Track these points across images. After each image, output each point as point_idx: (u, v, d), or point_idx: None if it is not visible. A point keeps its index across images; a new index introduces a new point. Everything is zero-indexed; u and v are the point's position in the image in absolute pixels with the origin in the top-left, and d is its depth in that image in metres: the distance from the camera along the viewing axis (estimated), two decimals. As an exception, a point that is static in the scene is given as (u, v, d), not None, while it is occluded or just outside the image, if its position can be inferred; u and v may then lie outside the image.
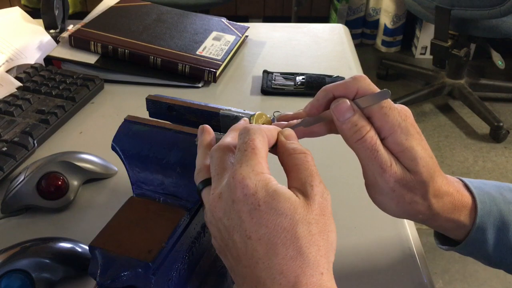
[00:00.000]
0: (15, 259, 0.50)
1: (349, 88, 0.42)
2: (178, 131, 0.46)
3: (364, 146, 0.42)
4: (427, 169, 0.43)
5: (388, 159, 0.42)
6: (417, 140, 0.42)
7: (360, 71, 0.99)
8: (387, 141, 0.42)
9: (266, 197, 0.35)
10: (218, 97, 0.90)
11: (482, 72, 2.73)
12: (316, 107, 0.44)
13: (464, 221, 0.46)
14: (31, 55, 0.93)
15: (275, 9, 3.01)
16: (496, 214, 0.47)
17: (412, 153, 0.42)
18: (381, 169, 0.42)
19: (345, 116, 0.42)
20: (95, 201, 0.65)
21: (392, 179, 0.42)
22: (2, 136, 0.71)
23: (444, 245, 0.51)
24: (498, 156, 2.20)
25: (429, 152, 0.43)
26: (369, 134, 0.41)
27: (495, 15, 1.87)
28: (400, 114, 0.42)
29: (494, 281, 1.64)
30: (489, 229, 0.47)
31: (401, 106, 0.43)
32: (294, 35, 1.12)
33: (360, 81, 0.42)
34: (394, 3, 2.81)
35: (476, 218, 0.46)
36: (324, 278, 0.34)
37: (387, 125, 0.42)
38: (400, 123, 0.42)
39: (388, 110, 0.42)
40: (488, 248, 0.47)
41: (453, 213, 0.46)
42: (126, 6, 1.05)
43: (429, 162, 0.43)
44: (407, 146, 0.42)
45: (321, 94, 0.44)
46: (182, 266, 0.42)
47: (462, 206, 0.46)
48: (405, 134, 0.42)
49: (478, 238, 0.47)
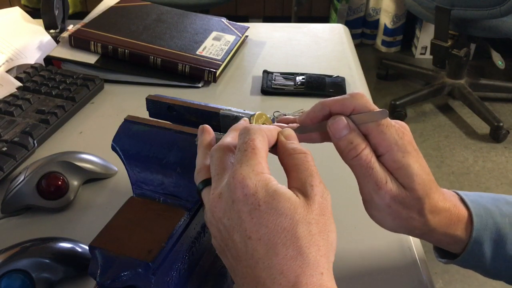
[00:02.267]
0: (15, 259, 0.50)
1: (345, 105, 0.42)
2: (178, 131, 0.46)
3: (359, 164, 0.42)
4: (423, 186, 0.43)
5: (383, 176, 0.42)
6: (414, 157, 0.42)
7: (360, 71, 0.99)
8: (384, 158, 0.42)
9: (266, 197, 0.35)
10: (218, 97, 0.90)
11: (482, 72, 2.73)
12: (311, 118, 0.44)
13: (461, 236, 0.46)
14: (31, 55, 0.93)
15: (275, 9, 3.01)
16: (492, 227, 0.47)
17: (408, 171, 0.42)
18: (377, 186, 0.42)
19: (341, 133, 0.42)
20: (95, 201, 0.65)
21: (388, 196, 0.42)
22: (2, 136, 0.71)
23: (443, 258, 0.51)
24: (498, 156, 2.20)
25: (426, 169, 0.43)
26: (364, 152, 0.42)
27: (495, 15, 1.87)
28: (397, 132, 0.42)
29: (494, 281, 1.63)
30: (486, 242, 0.46)
31: (399, 123, 0.43)
32: (294, 35, 1.12)
33: (358, 98, 0.42)
34: (394, 3, 2.81)
35: (472, 232, 0.46)
36: (324, 278, 0.34)
37: (384, 143, 0.42)
38: (397, 141, 0.42)
39: (385, 128, 0.42)
40: (485, 261, 0.47)
41: (449, 228, 0.46)
42: (126, 6, 1.05)
43: (425, 180, 0.43)
44: (403, 163, 0.42)
45: (318, 107, 0.44)
46: (182, 266, 0.42)
47: (458, 220, 0.46)
48: (402, 152, 0.42)
49: (475, 251, 0.47)
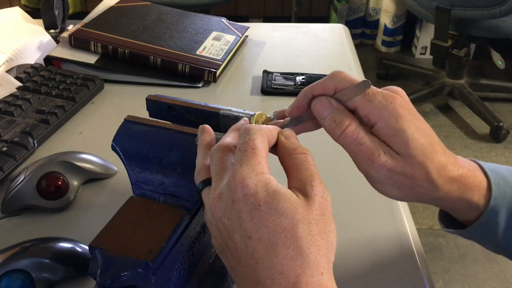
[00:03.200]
0: (15, 259, 0.50)
1: (326, 86, 0.42)
2: (178, 131, 0.46)
3: (346, 141, 0.41)
4: (421, 150, 0.41)
5: (375, 149, 0.41)
6: (409, 121, 0.41)
7: (360, 71, 0.99)
8: (377, 127, 0.41)
9: (266, 197, 0.35)
10: (218, 97, 0.90)
11: (482, 72, 2.73)
12: (297, 108, 0.44)
13: (477, 202, 0.45)
14: (31, 55, 0.93)
15: (275, 9, 3.01)
16: (510, 197, 0.45)
17: (403, 136, 0.40)
18: (369, 161, 0.41)
19: (325, 113, 0.41)
20: (95, 201, 0.65)
21: (384, 169, 0.41)
22: (2, 136, 0.71)
23: (449, 228, 0.49)
24: (498, 156, 2.19)
25: (425, 131, 0.41)
26: (349, 128, 0.41)
27: (495, 15, 1.87)
28: (385, 98, 0.41)
29: (494, 281, 1.63)
30: (502, 212, 0.45)
31: (391, 88, 0.42)
32: (294, 35, 1.12)
33: (337, 76, 0.42)
34: (394, 3, 2.81)
35: (491, 199, 0.45)
36: (324, 278, 0.34)
37: (374, 111, 0.41)
38: (386, 106, 0.40)
39: (371, 96, 0.41)
40: (498, 232, 0.46)
41: (465, 194, 0.44)
42: (126, 6, 1.05)
43: (423, 143, 0.41)
44: (397, 129, 0.40)
45: (301, 95, 0.43)
46: (182, 266, 0.42)
47: (476, 186, 0.44)
48: (394, 117, 0.40)
49: (490, 220, 0.45)
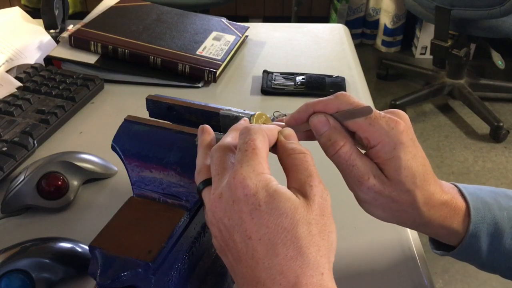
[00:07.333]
0: (15, 259, 0.50)
1: (329, 105, 0.42)
2: (178, 131, 0.46)
3: (339, 161, 0.42)
4: (411, 179, 0.42)
5: (365, 172, 0.42)
6: (407, 148, 0.42)
7: (360, 71, 0.99)
8: (376, 149, 0.42)
9: (266, 197, 0.35)
10: (218, 97, 0.90)
11: (482, 72, 2.73)
12: (295, 119, 0.44)
13: (457, 228, 0.46)
14: (31, 55, 0.93)
15: (275, 9, 3.01)
16: (490, 221, 0.46)
17: (397, 163, 0.41)
18: (358, 182, 0.42)
19: (321, 130, 0.42)
20: (95, 201, 0.65)
21: (371, 191, 0.42)
22: (2, 136, 0.71)
23: (438, 250, 0.50)
24: (498, 156, 2.20)
25: (420, 160, 0.42)
26: (342, 149, 0.42)
27: (495, 15, 1.87)
28: (388, 123, 0.41)
29: (494, 281, 1.63)
30: (483, 236, 0.46)
31: (395, 112, 0.43)
32: (294, 35, 1.12)
33: (341, 98, 0.42)
34: (394, 3, 2.81)
35: (470, 225, 0.45)
36: (324, 278, 0.34)
37: (374, 135, 0.41)
38: (387, 131, 0.41)
39: (373, 120, 0.41)
40: (481, 255, 0.47)
41: (446, 221, 0.45)
42: (126, 6, 1.05)
43: (415, 172, 0.42)
44: (393, 155, 0.41)
45: (302, 108, 0.44)
46: (182, 266, 0.42)
47: (455, 213, 0.45)
48: (393, 143, 0.41)
49: (472, 244, 0.46)
